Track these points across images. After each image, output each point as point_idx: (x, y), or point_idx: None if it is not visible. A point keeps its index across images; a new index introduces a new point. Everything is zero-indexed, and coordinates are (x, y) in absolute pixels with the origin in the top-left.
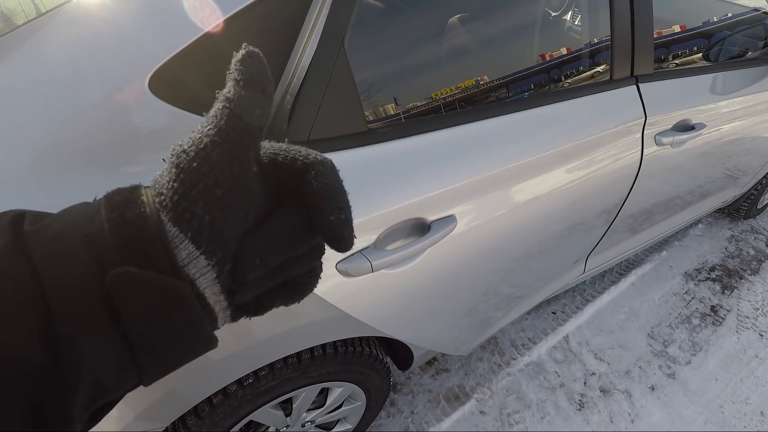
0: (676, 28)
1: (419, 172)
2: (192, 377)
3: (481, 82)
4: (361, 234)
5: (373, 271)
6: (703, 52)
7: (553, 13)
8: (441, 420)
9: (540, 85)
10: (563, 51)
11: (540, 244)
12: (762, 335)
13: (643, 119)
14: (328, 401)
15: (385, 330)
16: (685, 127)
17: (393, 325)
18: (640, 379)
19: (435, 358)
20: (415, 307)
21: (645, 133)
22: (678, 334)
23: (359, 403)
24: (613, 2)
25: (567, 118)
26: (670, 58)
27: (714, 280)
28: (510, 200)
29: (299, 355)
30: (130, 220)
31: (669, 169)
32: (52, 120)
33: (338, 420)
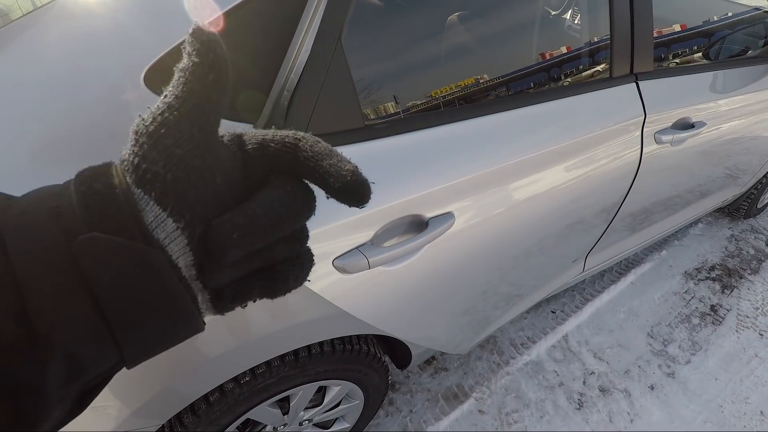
0: (677, 27)
1: (417, 169)
2: (188, 374)
3: (480, 80)
4: (358, 231)
5: (370, 268)
6: (703, 51)
7: (553, 12)
8: (439, 419)
9: (539, 83)
10: (563, 49)
11: (539, 243)
12: (762, 334)
13: (643, 117)
14: (326, 400)
15: (382, 328)
16: (685, 126)
17: (391, 323)
18: (639, 378)
19: (433, 357)
20: (413, 304)
21: (644, 131)
22: (678, 334)
23: (357, 401)
24: (613, 1)
25: (566, 115)
26: (671, 56)
27: (714, 280)
28: (509, 198)
29: (296, 352)
30: (98, 191)
31: (668, 167)
32: (47, 115)
33: (336, 419)
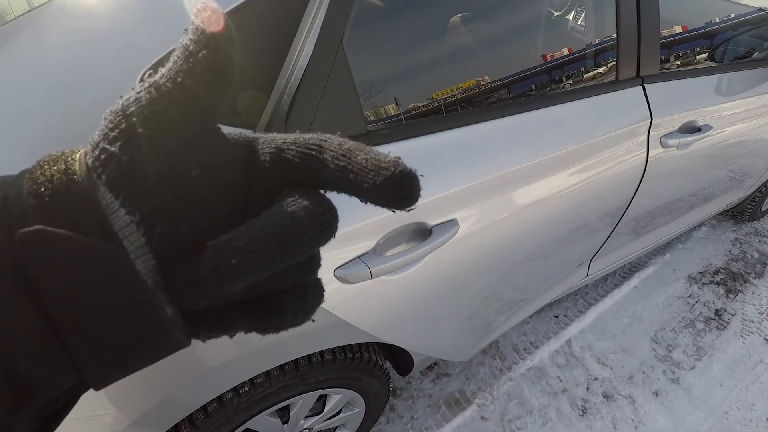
0: (678, 29)
1: (421, 175)
2: (187, 385)
3: (483, 84)
4: (360, 240)
5: (372, 278)
6: (708, 53)
7: (556, 13)
8: (441, 426)
9: (545, 86)
10: (568, 51)
11: (543, 248)
12: (767, 340)
13: (649, 120)
14: (327, 408)
15: (384, 337)
16: (691, 129)
17: (393, 332)
18: (643, 384)
19: (435, 363)
20: (415, 313)
21: (651, 134)
22: (682, 339)
23: (358, 409)
24: (620, 2)
25: (572, 119)
26: (675, 59)
27: (718, 284)
28: (513, 203)
29: (297, 362)
30: (52, 177)
31: (674, 171)
32: (45, 115)
33: (336, 427)
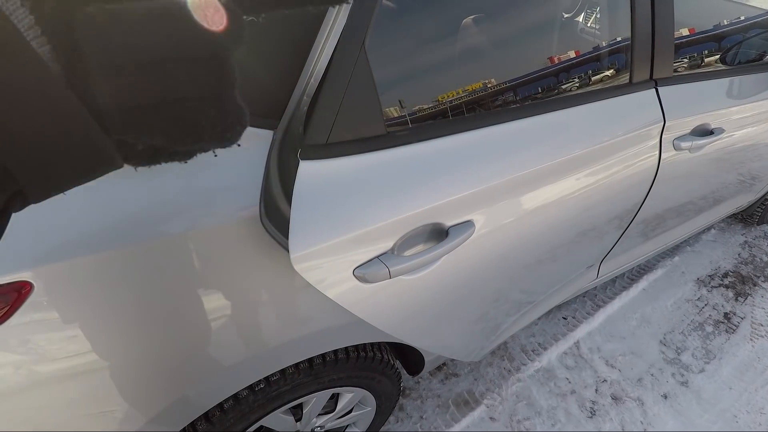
0: (685, 32)
1: (438, 176)
2: (204, 383)
3: (502, 85)
4: (380, 240)
5: (391, 278)
6: (720, 56)
7: (566, 15)
8: (450, 426)
9: (560, 88)
10: (582, 54)
11: (554, 250)
12: None
13: (662, 123)
14: (339, 406)
15: (399, 336)
16: (704, 132)
17: (407, 331)
18: (652, 386)
19: (444, 363)
20: (430, 312)
21: (663, 137)
22: (691, 342)
23: (369, 408)
24: (635, 4)
25: (587, 122)
26: (688, 61)
27: (727, 287)
28: (527, 205)
29: (311, 360)
30: None
31: (686, 174)
32: None
33: (347, 425)
